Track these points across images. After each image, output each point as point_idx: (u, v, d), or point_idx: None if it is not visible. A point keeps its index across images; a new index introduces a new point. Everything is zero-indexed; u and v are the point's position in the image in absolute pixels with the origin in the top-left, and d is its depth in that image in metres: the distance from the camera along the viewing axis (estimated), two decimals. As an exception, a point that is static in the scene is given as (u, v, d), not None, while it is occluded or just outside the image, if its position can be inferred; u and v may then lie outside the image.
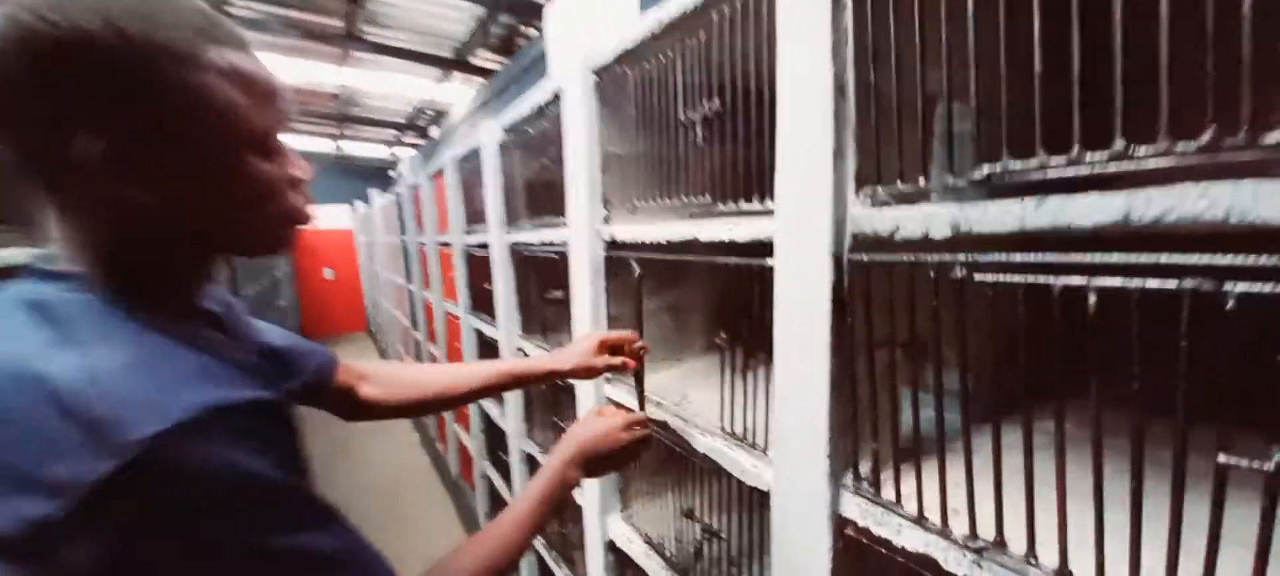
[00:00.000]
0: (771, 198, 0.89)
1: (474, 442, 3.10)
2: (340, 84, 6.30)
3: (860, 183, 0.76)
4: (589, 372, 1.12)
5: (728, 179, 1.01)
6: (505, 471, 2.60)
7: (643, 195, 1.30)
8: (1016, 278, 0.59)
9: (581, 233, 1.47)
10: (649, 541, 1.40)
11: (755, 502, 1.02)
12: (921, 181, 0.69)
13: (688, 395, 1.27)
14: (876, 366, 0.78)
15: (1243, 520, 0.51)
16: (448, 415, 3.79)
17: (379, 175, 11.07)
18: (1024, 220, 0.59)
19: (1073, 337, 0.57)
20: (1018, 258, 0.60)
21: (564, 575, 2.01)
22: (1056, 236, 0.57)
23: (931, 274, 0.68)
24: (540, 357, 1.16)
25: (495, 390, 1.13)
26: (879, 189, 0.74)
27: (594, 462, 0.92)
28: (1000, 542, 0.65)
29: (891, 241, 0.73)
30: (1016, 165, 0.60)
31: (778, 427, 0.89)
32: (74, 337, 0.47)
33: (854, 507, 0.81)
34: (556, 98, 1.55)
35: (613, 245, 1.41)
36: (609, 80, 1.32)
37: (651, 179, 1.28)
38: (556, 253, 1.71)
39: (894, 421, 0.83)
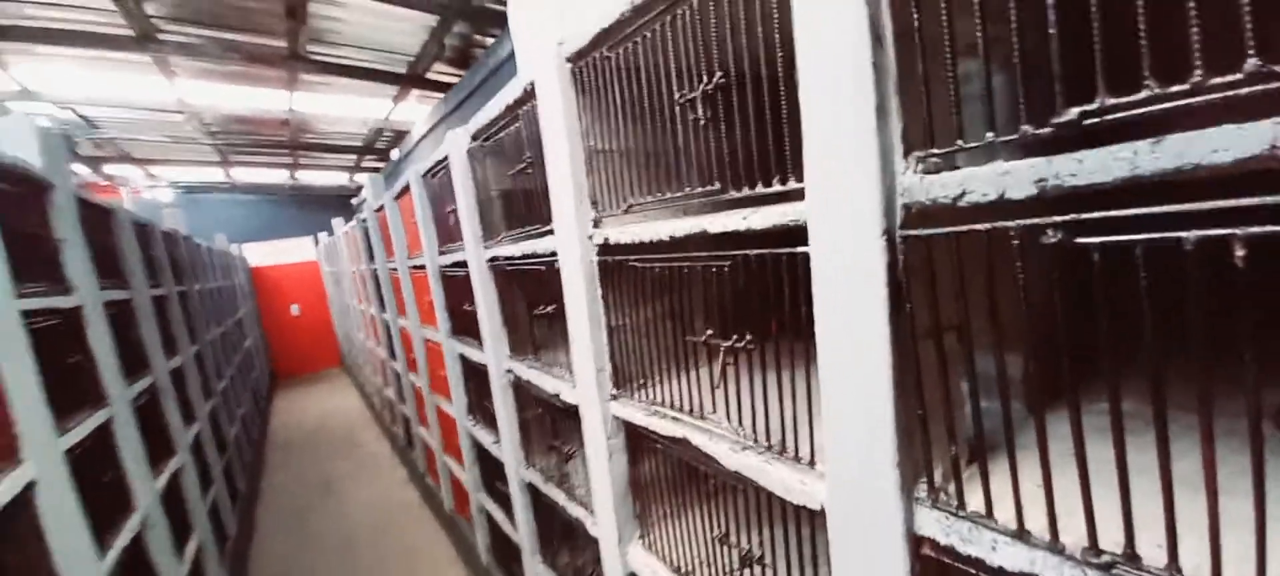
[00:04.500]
0: (798, 176, 0.78)
1: (468, 475, 2.93)
2: (290, 109, 6.00)
3: (908, 146, 0.65)
4: None
5: (740, 161, 0.89)
6: (505, 503, 2.44)
7: (638, 191, 1.18)
8: (1137, 236, 0.49)
9: (571, 239, 1.33)
10: (678, 572, 1.28)
11: (804, 521, 0.90)
12: (988, 135, 0.59)
13: (706, 407, 1.14)
14: (944, 356, 0.68)
15: None
16: (437, 447, 3.60)
17: (340, 203, 10.70)
18: (1136, 166, 0.49)
19: (1207, 299, 0.47)
20: (1131, 212, 0.49)
21: (580, 609, 1.86)
22: (1181, 181, 0.47)
23: (1014, 242, 0.57)
24: None
25: None
26: (934, 151, 0.63)
27: None
28: (1131, 554, 0.54)
29: (954, 209, 0.62)
30: (1119, 100, 0.50)
31: (830, 437, 0.78)
32: None
33: (932, 523, 0.70)
34: (529, 94, 1.42)
35: (606, 249, 1.28)
36: (588, 67, 1.19)
37: (646, 173, 1.16)
38: (543, 264, 1.58)
39: (958, 419, 0.72)
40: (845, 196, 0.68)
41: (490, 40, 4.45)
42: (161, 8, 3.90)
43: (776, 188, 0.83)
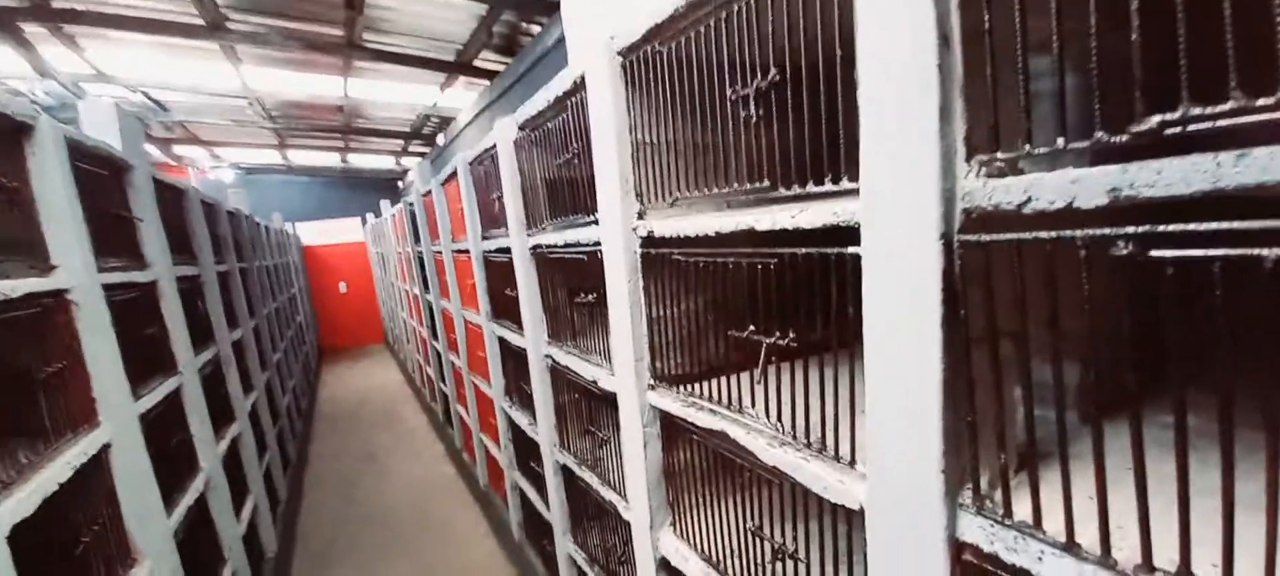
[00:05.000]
0: (851, 177, 0.77)
1: (503, 454, 3.01)
2: (344, 95, 6.23)
3: (971, 149, 0.64)
4: None
5: (792, 159, 0.89)
6: (539, 483, 2.51)
7: (684, 185, 1.18)
8: (1217, 250, 0.47)
9: (614, 230, 1.36)
10: (708, 560, 1.29)
11: (841, 519, 0.90)
12: (1060, 141, 0.57)
13: (745, 400, 1.15)
14: (998, 363, 0.67)
15: None
16: (474, 425, 3.71)
17: (388, 186, 11.05)
18: (1218, 178, 0.47)
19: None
20: (1210, 226, 0.48)
21: (610, 591, 1.91)
22: (1266, 196, 0.45)
23: (1081, 251, 0.56)
24: None
25: None
26: (998, 155, 0.62)
27: None
28: (1186, 573, 0.53)
29: (1018, 216, 0.60)
30: (1204, 111, 0.48)
31: (873, 438, 0.78)
32: None
33: (975, 530, 0.69)
34: (578, 86, 1.44)
35: (649, 242, 1.30)
36: (638, 61, 1.20)
37: (694, 167, 1.16)
38: (586, 253, 1.61)
39: (1009, 427, 0.71)
40: (902, 198, 0.68)
41: (536, 29, 4.50)
42: (230, -3, 4.10)
43: (828, 187, 0.82)
